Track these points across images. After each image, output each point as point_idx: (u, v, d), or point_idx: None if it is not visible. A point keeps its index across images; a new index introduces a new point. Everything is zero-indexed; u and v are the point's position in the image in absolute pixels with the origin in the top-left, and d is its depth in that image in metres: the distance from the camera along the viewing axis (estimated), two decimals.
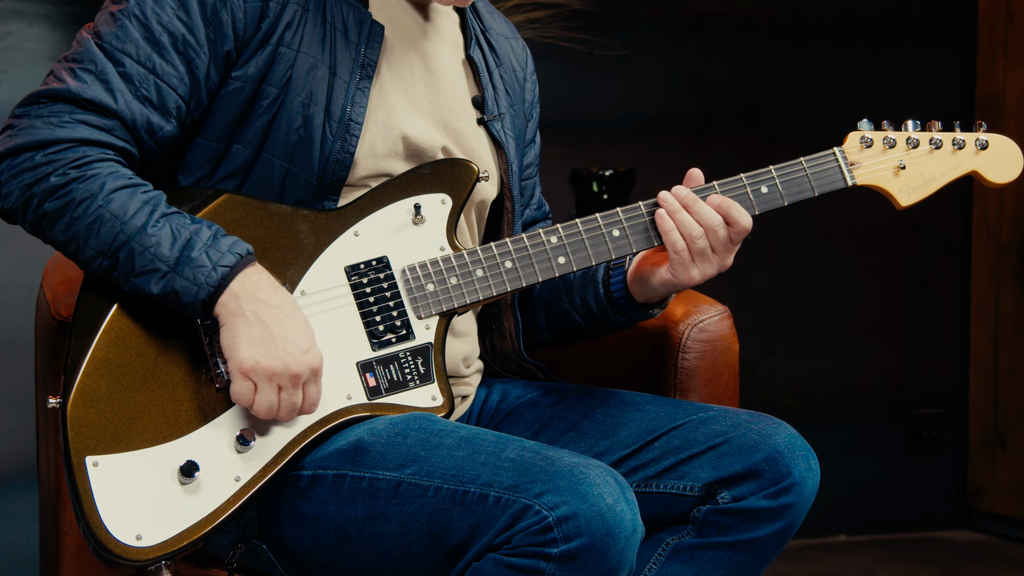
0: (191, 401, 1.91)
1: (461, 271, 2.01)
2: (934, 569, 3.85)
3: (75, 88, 1.89)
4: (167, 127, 1.94)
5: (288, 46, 1.96)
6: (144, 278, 1.87)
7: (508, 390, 2.19)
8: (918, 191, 2.13)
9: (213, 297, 1.87)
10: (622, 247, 2.04)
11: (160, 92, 1.92)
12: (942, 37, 4.13)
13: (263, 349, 1.87)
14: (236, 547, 1.98)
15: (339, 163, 1.98)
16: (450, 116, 2.09)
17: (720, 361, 2.26)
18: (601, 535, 1.77)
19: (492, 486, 1.82)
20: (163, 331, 1.92)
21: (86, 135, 1.89)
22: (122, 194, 1.88)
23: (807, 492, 1.98)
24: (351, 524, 1.89)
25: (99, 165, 1.89)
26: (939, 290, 4.18)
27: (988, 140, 2.13)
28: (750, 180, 2.07)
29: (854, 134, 2.11)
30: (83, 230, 1.88)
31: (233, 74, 1.96)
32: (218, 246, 1.88)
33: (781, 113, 4.03)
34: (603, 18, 3.81)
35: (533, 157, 2.28)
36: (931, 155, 2.12)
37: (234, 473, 1.90)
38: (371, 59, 2.00)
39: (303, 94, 1.96)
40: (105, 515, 1.86)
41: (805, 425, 2.26)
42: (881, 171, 2.11)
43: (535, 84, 2.30)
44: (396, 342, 1.98)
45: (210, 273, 1.86)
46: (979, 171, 2.13)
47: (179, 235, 1.88)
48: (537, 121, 2.30)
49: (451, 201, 2.04)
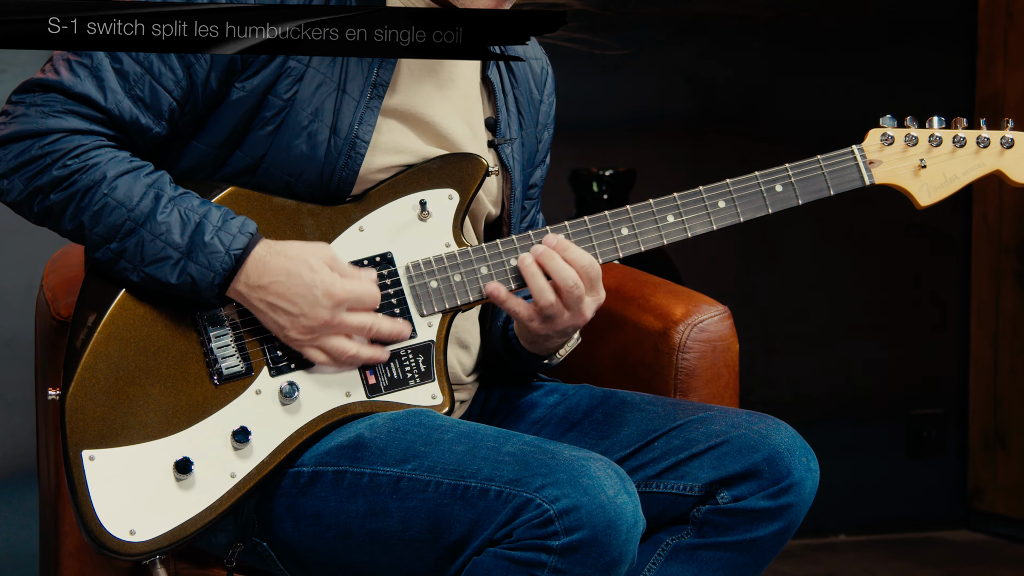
0: (189, 397, 1.92)
1: (465, 268, 2.01)
2: (934, 569, 3.85)
3: (68, 81, 1.90)
4: (156, 128, 1.94)
5: (298, 61, 1.96)
6: (157, 266, 1.88)
7: (508, 390, 2.19)
8: (939, 190, 2.08)
9: (227, 280, 1.90)
10: (629, 245, 2.03)
11: (154, 93, 1.92)
12: (942, 37, 4.13)
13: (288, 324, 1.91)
14: (235, 546, 1.98)
15: (343, 180, 1.98)
16: (461, 140, 2.07)
17: (720, 361, 2.26)
18: (603, 527, 1.77)
19: (493, 480, 1.82)
20: (163, 326, 1.93)
21: (77, 125, 1.90)
22: (126, 179, 1.89)
23: (807, 492, 1.98)
24: (352, 520, 1.89)
25: (97, 153, 1.90)
26: (939, 290, 4.18)
27: (1015, 139, 2.08)
28: (764, 179, 2.05)
29: (875, 131, 2.08)
30: (89, 219, 1.89)
31: (237, 83, 1.95)
32: (228, 228, 1.90)
33: (781, 113, 4.02)
34: (603, 18, 3.81)
35: (539, 178, 2.27)
36: (954, 154, 2.08)
37: (230, 469, 1.91)
38: (383, 79, 1.99)
39: (309, 109, 1.96)
40: (100, 509, 1.87)
41: (805, 425, 2.26)
42: (901, 170, 2.07)
43: (552, 105, 2.26)
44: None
45: (224, 259, 1.88)
46: (1003, 171, 2.08)
47: (188, 220, 1.89)
48: (549, 143, 2.28)
49: (458, 196, 2.03)
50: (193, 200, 1.91)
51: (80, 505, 1.87)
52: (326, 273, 1.91)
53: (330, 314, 1.91)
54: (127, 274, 1.91)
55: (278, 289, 1.90)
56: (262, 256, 1.91)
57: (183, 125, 1.97)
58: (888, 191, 2.10)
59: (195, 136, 1.98)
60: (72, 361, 1.90)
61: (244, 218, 1.92)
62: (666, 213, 2.04)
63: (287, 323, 1.91)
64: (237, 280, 1.90)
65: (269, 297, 1.90)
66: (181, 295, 1.91)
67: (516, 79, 2.18)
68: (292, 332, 1.92)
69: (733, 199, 2.04)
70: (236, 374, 1.94)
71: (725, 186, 2.04)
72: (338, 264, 1.93)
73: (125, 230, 1.89)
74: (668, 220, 2.04)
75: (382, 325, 1.95)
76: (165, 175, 1.93)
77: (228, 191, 1.97)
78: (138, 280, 1.90)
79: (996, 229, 4.10)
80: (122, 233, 1.89)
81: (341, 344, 1.92)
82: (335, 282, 1.91)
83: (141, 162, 1.93)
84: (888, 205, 4.11)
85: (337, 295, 1.90)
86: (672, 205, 2.04)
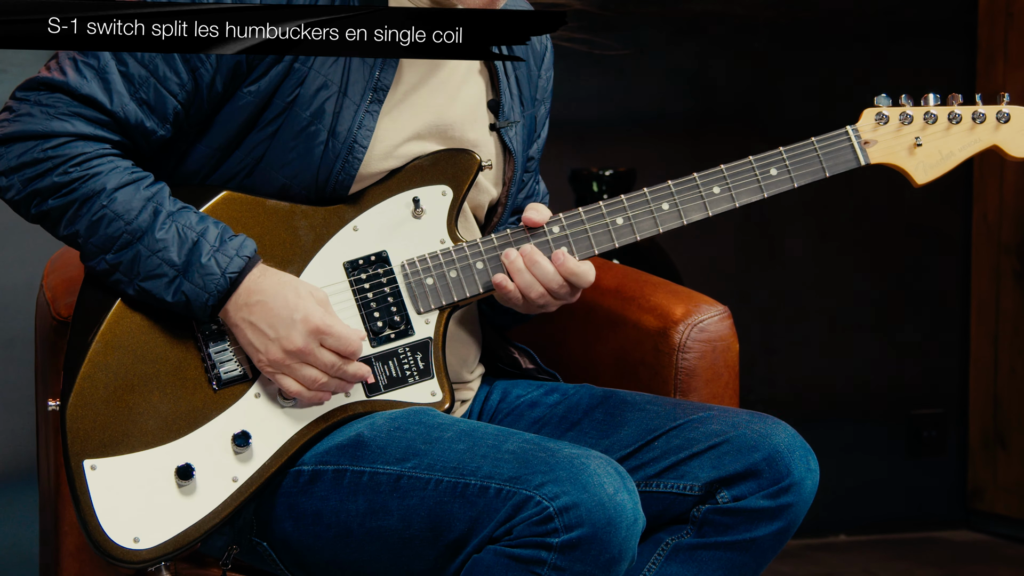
0: (189, 403, 1.91)
1: (461, 264, 2.01)
2: (934, 569, 3.85)
3: (74, 82, 1.90)
4: (161, 131, 1.94)
5: (302, 63, 1.95)
6: (152, 282, 1.88)
7: (509, 389, 2.19)
8: (935, 168, 2.07)
9: (222, 301, 1.90)
10: (625, 234, 2.03)
11: (159, 96, 1.92)
12: (942, 37, 4.13)
13: (263, 348, 1.90)
14: (230, 548, 1.98)
15: (339, 183, 1.98)
16: (464, 132, 2.06)
17: (720, 361, 2.26)
18: (602, 524, 1.78)
19: (493, 478, 1.82)
20: (161, 333, 1.93)
21: (82, 130, 1.89)
22: (125, 192, 1.89)
23: (807, 492, 1.98)
24: (352, 519, 1.89)
25: (99, 162, 1.90)
26: (939, 290, 4.18)
27: (1011, 113, 2.06)
28: (759, 162, 2.05)
29: (869, 111, 2.07)
30: (85, 229, 1.89)
31: (245, 88, 1.95)
32: (226, 250, 1.89)
33: (781, 113, 4.02)
34: (603, 18, 3.81)
35: (535, 151, 2.27)
36: (949, 131, 2.06)
37: (231, 474, 1.90)
38: (384, 83, 1.99)
39: (308, 111, 1.96)
40: (103, 518, 1.87)
41: (805, 425, 2.26)
42: (896, 149, 2.05)
43: (549, 79, 2.26)
44: (395, 338, 1.98)
45: (219, 280, 1.88)
46: (1000, 145, 2.07)
47: (186, 238, 1.88)
48: (546, 116, 2.28)
49: (452, 192, 2.03)
50: (191, 217, 1.91)
51: (83, 514, 1.87)
52: (310, 302, 1.91)
53: (304, 341, 1.89)
54: (123, 287, 1.91)
55: (261, 310, 1.90)
56: (256, 279, 1.91)
57: (188, 127, 1.97)
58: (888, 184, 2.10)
59: (200, 139, 1.98)
60: (71, 371, 1.90)
61: (243, 238, 1.91)
62: (661, 201, 2.04)
63: (262, 346, 1.90)
64: (231, 301, 1.91)
65: (251, 316, 1.90)
66: (175, 311, 1.91)
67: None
68: (264, 357, 1.91)
69: (728, 184, 2.05)
70: (235, 379, 1.94)
71: (720, 171, 2.04)
72: (328, 306, 1.93)
73: (121, 243, 1.89)
74: (663, 208, 2.04)
75: (348, 367, 1.93)
76: (165, 188, 1.92)
77: (222, 196, 1.97)
78: (134, 293, 1.90)
79: (996, 229, 4.10)
80: (118, 245, 1.89)
81: (312, 373, 1.91)
82: (316, 311, 1.90)
83: (142, 173, 1.93)
84: (888, 205, 4.12)
85: (314, 322, 1.89)
86: (667, 192, 2.04)
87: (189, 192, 1.96)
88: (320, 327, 1.90)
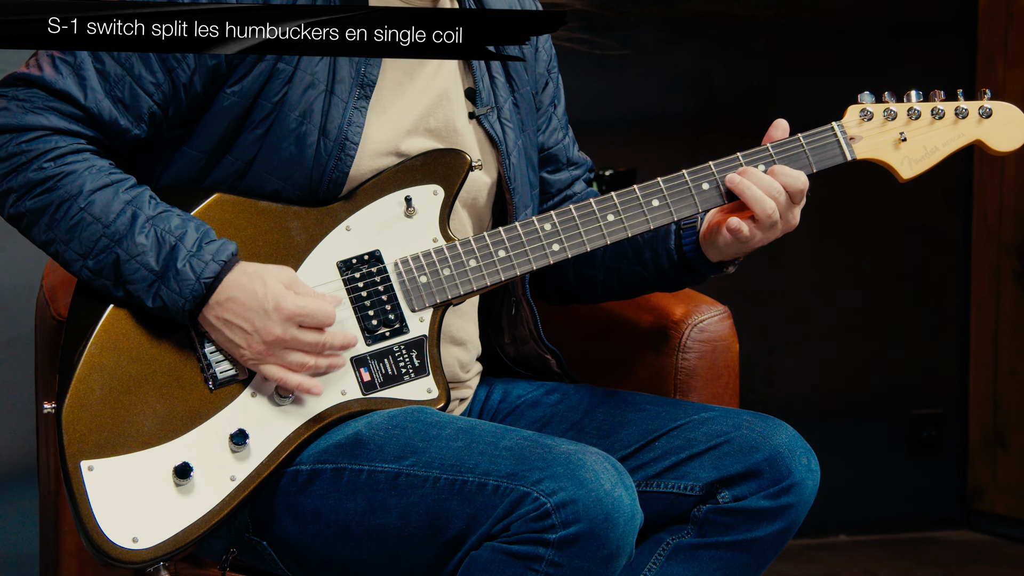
0: (185, 403, 1.92)
1: (454, 262, 2.01)
2: (934, 569, 3.85)
3: (50, 78, 1.90)
4: (135, 131, 1.94)
5: (287, 63, 1.95)
6: (133, 286, 1.89)
7: (509, 389, 2.19)
8: (920, 163, 2.09)
9: (198, 306, 1.89)
10: (616, 231, 2.03)
11: (134, 95, 1.92)
12: (942, 37, 4.13)
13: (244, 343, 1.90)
14: (229, 551, 1.98)
15: (332, 182, 1.98)
16: (449, 122, 2.06)
17: (720, 361, 2.26)
18: (600, 520, 1.78)
19: (490, 475, 1.82)
20: (156, 333, 1.93)
21: (56, 124, 1.90)
22: (104, 194, 1.89)
23: (807, 492, 1.98)
24: (351, 517, 1.90)
25: (73, 159, 1.90)
26: (939, 290, 4.18)
27: (992, 108, 2.09)
28: (746, 159, 2.07)
29: (854, 107, 2.09)
30: (64, 233, 1.89)
31: (227, 89, 1.95)
32: (202, 255, 1.89)
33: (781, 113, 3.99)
34: (603, 18, 3.81)
35: (557, 124, 2.25)
36: (932, 126, 2.09)
37: (229, 473, 1.91)
38: (370, 78, 1.99)
39: (297, 111, 1.96)
40: (101, 519, 1.87)
41: (805, 425, 2.26)
42: (881, 144, 2.08)
43: (551, 54, 2.25)
44: (390, 336, 1.98)
45: (195, 286, 1.88)
46: (983, 140, 2.09)
47: (164, 243, 1.88)
48: (555, 87, 2.26)
49: (443, 192, 2.03)
50: (172, 220, 1.90)
51: (81, 515, 1.87)
52: (279, 288, 1.90)
53: (281, 328, 1.90)
54: (109, 291, 1.91)
55: (232, 306, 1.90)
56: (234, 284, 1.90)
57: (169, 128, 1.97)
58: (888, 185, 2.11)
59: (185, 141, 1.98)
60: (66, 374, 1.90)
61: (222, 242, 1.91)
62: (651, 198, 2.05)
63: (242, 342, 1.90)
64: (208, 306, 1.90)
65: (225, 314, 1.90)
66: (157, 315, 1.91)
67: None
68: (247, 351, 1.91)
69: (716, 180, 2.05)
70: (231, 378, 1.94)
71: (708, 168, 2.05)
72: (296, 284, 1.93)
73: (100, 247, 1.89)
74: (653, 204, 2.05)
75: (334, 339, 1.94)
76: (146, 191, 1.92)
77: (213, 198, 1.97)
78: (122, 296, 1.90)
79: (996, 229, 4.10)
80: (97, 250, 1.89)
81: (298, 357, 1.91)
82: (286, 297, 1.90)
83: (121, 175, 1.92)
84: (888, 205, 4.12)
85: (286, 308, 1.89)
86: (656, 190, 2.05)
87: (181, 195, 1.96)
88: (294, 312, 1.90)
